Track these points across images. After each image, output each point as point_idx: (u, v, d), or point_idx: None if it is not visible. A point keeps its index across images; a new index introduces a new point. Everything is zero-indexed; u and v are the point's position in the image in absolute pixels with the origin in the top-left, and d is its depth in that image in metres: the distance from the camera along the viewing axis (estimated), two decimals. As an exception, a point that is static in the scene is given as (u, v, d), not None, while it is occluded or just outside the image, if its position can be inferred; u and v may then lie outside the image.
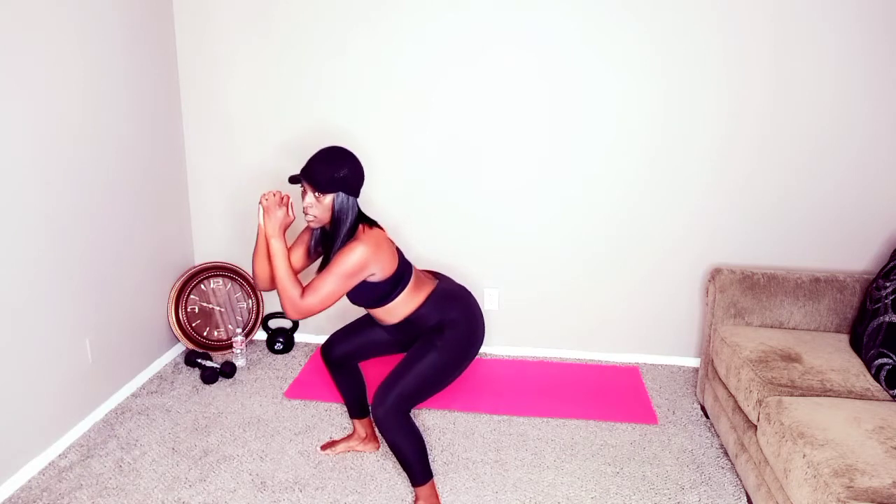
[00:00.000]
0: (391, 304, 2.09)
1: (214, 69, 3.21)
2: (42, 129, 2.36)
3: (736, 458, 2.38)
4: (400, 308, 2.10)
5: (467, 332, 2.12)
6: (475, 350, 2.16)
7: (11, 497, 2.26)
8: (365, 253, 1.93)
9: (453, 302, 2.14)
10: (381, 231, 2.05)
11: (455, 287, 2.22)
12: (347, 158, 1.98)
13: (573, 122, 3.10)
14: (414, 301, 2.10)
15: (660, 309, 3.29)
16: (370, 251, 1.95)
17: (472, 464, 2.49)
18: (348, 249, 1.93)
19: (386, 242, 2.03)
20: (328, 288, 1.92)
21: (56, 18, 2.39)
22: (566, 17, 2.97)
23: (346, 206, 1.98)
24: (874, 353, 2.27)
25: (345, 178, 1.95)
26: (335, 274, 1.92)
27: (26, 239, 2.31)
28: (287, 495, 2.30)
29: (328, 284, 1.92)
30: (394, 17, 3.05)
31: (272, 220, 1.98)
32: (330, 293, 1.93)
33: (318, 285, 1.93)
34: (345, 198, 1.98)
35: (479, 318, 2.18)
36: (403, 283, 2.08)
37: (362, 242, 1.94)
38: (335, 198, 1.97)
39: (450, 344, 2.08)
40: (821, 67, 2.91)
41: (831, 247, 3.11)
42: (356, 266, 1.93)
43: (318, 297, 1.92)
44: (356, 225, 2.01)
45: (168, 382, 3.06)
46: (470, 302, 2.18)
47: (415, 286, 2.11)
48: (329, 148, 2.00)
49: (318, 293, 1.92)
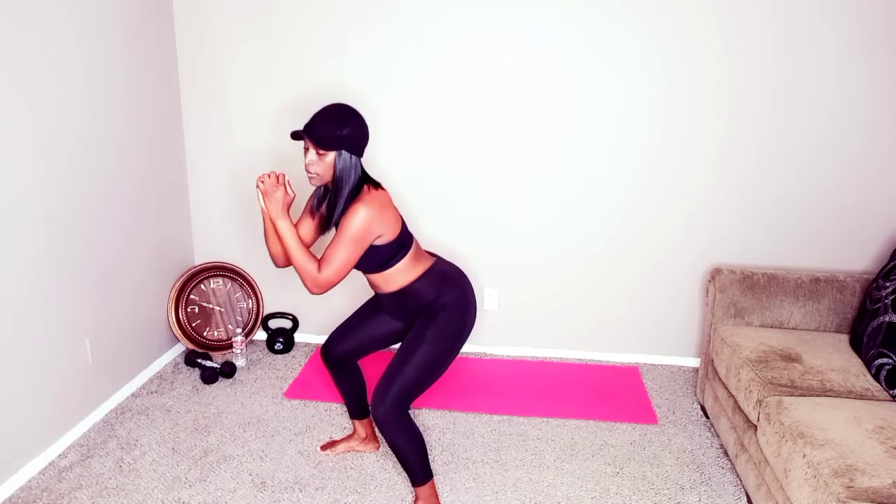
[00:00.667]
0: (391, 269, 2.07)
1: (214, 69, 3.22)
2: (42, 129, 2.36)
3: (736, 458, 2.38)
4: (398, 276, 2.08)
5: (459, 317, 2.11)
6: (466, 334, 2.15)
7: (11, 497, 2.26)
8: (369, 214, 1.91)
9: (449, 282, 2.13)
10: (384, 192, 2.03)
11: (451, 268, 2.21)
12: (352, 116, 1.95)
13: (573, 122, 3.10)
14: (412, 272, 2.09)
15: (660, 309, 3.29)
16: (374, 212, 1.93)
17: (472, 464, 2.49)
18: (352, 213, 1.91)
19: (389, 203, 2.02)
20: (342, 257, 1.92)
21: (56, 18, 2.39)
22: (566, 17, 2.97)
23: (348, 165, 1.95)
24: (874, 353, 2.27)
25: (348, 136, 1.93)
26: (344, 241, 1.91)
27: (26, 239, 2.31)
28: (287, 495, 2.30)
29: (341, 253, 1.91)
30: (394, 17, 3.06)
31: (273, 201, 1.96)
32: (345, 261, 1.92)
33: (331, 256, 1.92)
34: (347, 157, 1.95)
35: (471, 301, 2.17)
36: (405, 250, 2.07)
37: (365, 204, 1.92)
38: (337, 156, 1.94)
39: (441, 333, 2.07)
40: (821, 67, 2.91)
41: (831, 247, 3.11)
42: (363, 229, 1.91)
43: (334, 267, 1.92)
44: (360, 185, 1.98)
45: (168, 382, 3.06)
46: (464, 284, 2.17)
47: (415, 256, 2.10)
48: (333, 105, 1.97)
49: (333, 264, 1.91)
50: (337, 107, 1.96)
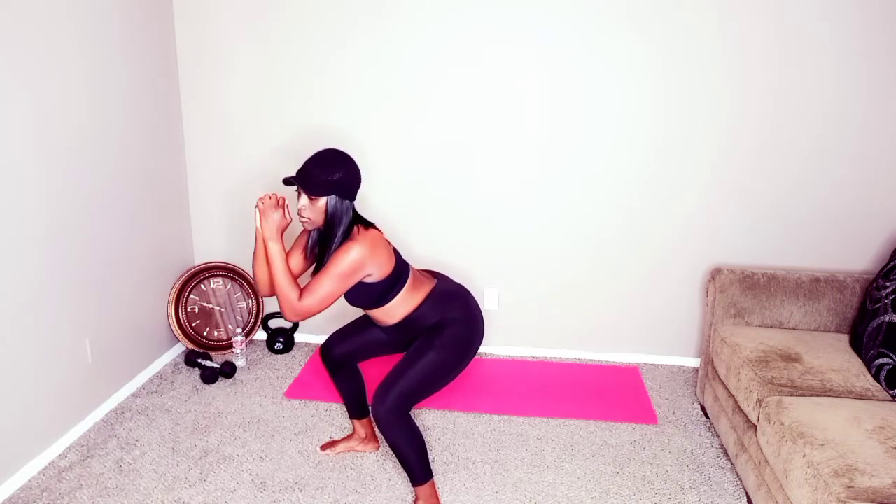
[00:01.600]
0: (389, 304, 2.09)
1: (214, 69, 3.22)
2: (42, 129, 2.36)
3: (736, 458, 2.38)
4: (398, 308, 2.10)
5: (467, 330, 2.12)
6: (475, 349, 2.16)
7: (11, 497, 2.26)
8: (360, 253, 1.93)
9: (452, 301, 2.14)
10: (377, 232, 2.05)
11: (454, 287, 2.22)
12: (343, 162, 1.97)
13: (573, 122, 3.10)
14: (412, 301, 2.10)
15: (660, 309, 3.29)
16: (366, 251, 1.95)
17: (472, 464, 2.49)
18: (344, 250, 1.94)
19: (382, 243, 2.03)
20: (325, 289, 1.93)
21: (56, 19, 2.39)
22: (566, 18, 2.97)
23: (339, 209, 1.98)
24: (874, 353, 2.27)
25: (339, 182, 1.95)
26: (331, 275, 1.93)
27: (26, 239, 2.31)
28: (287, 495, 2.30)
29: (325, 286, 1.93)
30: (393, 17, 3.06)
31: (269, 222, 1.98)
32: (327, 294, 1.93)
33: (314, 287, 1.93)
34: (339, 201, 1.97)
35: (478, 317, 2.18)
36: (401, 283, 2.08)
37: (357, 243, 1.94)
38: (328, 201, 1.96)
39: (449, 343, 2.08)
40: (821, 68, 2.91)
41: (831, 247, 3.11)
42: (352, 266, 1.93)
43: (316, 298, 1.93)
44: (351, 227, 2.01)
45: (168, 382, 3.06)
46: (469, 301, 2.18)
47: (413, 286, 2.11)
48: (325, 151, 2.00)
49: (315, 295, 1.93)
50: (328, 153, 1.99)
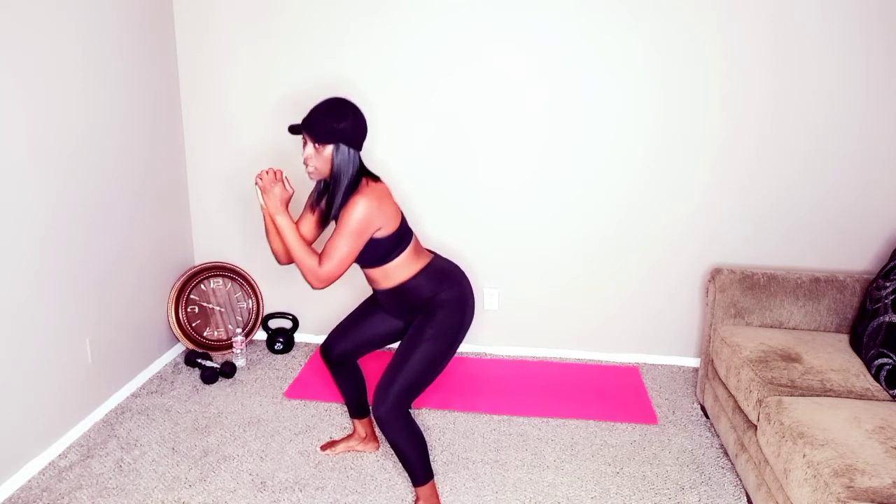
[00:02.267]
0: (390, 264, 2.07)
1: (214, 69, 3.22)
2: (42, 129, 2.36)
3: (736, 458, 2.38)
4: (397, 271, 2.08)
5: (457, 315, 2.11)
6: (465, 331, 2.15)
7: (11, 497, 2.26)
8: (368, 206, 1.91)
9: (447, 279, 2.13)
10: (383, 185, 2.03)
11: (449, 265, 2.20)
12: (349, 109, 1.95)
13: (573, 122, 3.10)
14: (411, 267, 2.09)
15: (660, 309, 3.29)
16: (374, 204, 1.92)
17: (472, 464, 2.49)
18: (351, 205, 1.91)
19: (388, 196, 2.01)
20: (342, 250, 1.91)
21: (56, 19, 2.39)
22: (566, 17, 2.97)
23: (346, 158, 1.95)
24: (874, 353, 2.27)
25: (345, 130, 1.92)
26: (344, 234, 1.91)
27: (26, 239, 2.31)
28: (287, 495, 2.30)
29: (341, 246, 1.91)
30: (393, 16, 3.06)
31: (272, 197, 1.96)
32: (345, 255, 1.92)
33: (331, 250, 1.91)
34: (345, 150, 1.94)
35: (469, 298, 2.17)
36: (404, 243, 2.06)
37: (364, 196, 1.92)
38: (335, 149, 1.94)
39: (439, 331, 2.07)
40: (821, 67, 2.91)
41: (831, 247, 3.11)
42: (362, 221, 1.91)
43: (335, 261, 1.91)
44: (358, 178, 1.98)
45: (168, 382, 3.06)
46: (462, 282, 2.17)
47: (414, 252, 2.10)
48: (331, 99, 1.97)
49: (334, 257, 1.91)
50: (334, 100, 1.96)
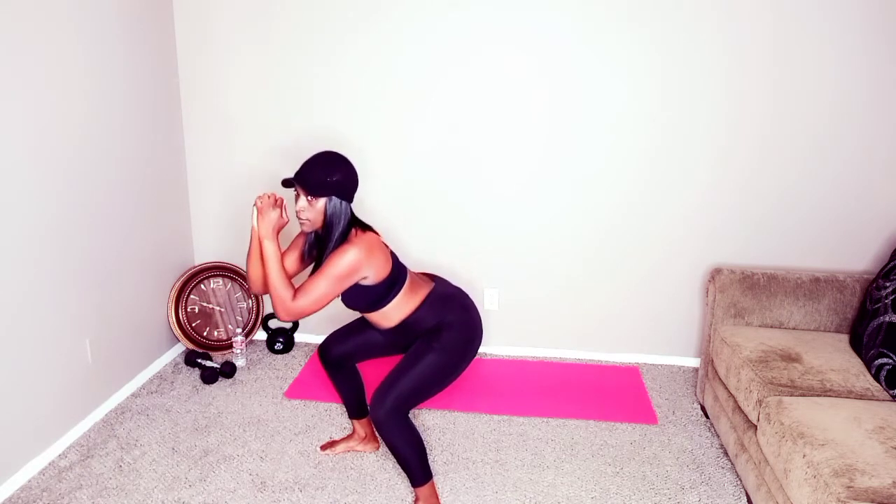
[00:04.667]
0: (386, 307, 2.09)
1: (214, 69, 3.22)
2: (42, 129, 2.36)
3: (736, 458, 2.38)
4: (395, 311, 2.10)
5: (465, 333, 2.12)
6: (473, 351, 2.16)
7: (11, 497, 2.26)
8: (357, 256, 1.94)
9: (450, 304, 2.14)
10: (374, 235, 2.05)
11: (452, 289, 2.21)
12: (341, 163, 1.99)
13: (573, 122, 3.10)
14: (410, 304, 2.10)
15: (660, 309, 3.29)
16: (362, 254, 1.95)
17: (472, 464, 2.49)
18: (340, 252, 1.94)
19: (379, 246, 2.03)
20: (319, 290, 1.93)
21: (56, 19, 2.39)
22: (566, 17, 2.97)
23: (338, 210, 1.99)
24: (874, 353, 2.27)
25: (338, 183, 1.96)
26: (326, 276, 1.93)
27: (26, 239, 2.31)
28: (287, 495, 2.30)
29: (319, 287, 1.93)
30: (393, 17, 3.06)
31: (266, 221, 1.98)
32: (321, 295, 1.93)
33: (309, 287, 1.93)
34: (337, 202, 1.98)
35: (476, 319, 2.18)
36: (398, 286, 2.08)
37: (354, 245, 1.95)
38: (328, 202, 1.97)
39: (448, 345, 2.08)
40: (821, 67, 2.91)
41: (831, 247, 3.11)
42: (347, 268, 1.93)
43: (310, 299, 1.93)
44: (349, 229, 2.01)
45: (168, 382, 3.06)
46: (467, 304, 2.18)
47: (410, 289, 2.11)
48: (323, 153, 2.01)
49: (310, 295, 1.93)
50: (326, 154, 2.00)
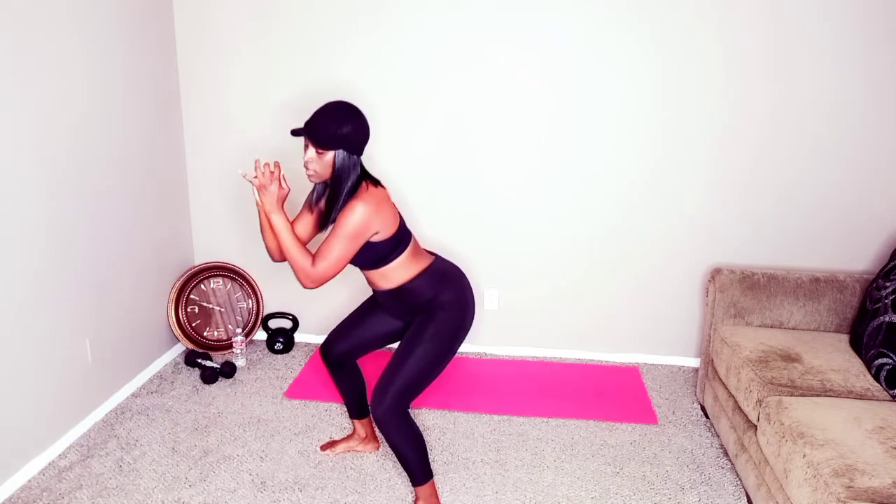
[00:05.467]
0: (389, 266, 2.07)
1: (214, 69, 3.21)
2: (42, 129, 2.36)
3: (736, 458, 2.38)
4: (396, 272, 2.08)
5: (457, 316, 2.11)
6: (465, 333, 2.15)
7: (11, 497, 2.26)
8: (366, 211, 1.91)
9: (447, 281, 2.13)
10: (383, 190, 2.03)
11: (450, 267, 2.20)
12: (352, 115, 1.94)
13: (573, 122, 3.10)
14: (410, 269, 2.09)
15: (660, 309, 3.29)
16: (371, 209, 1.92)
17: (472, 464, 2.49)
18: (349, 209, 1.91)
19: (387, 201, 2.01)
20: (336, 252, 1.91)
21: (56, 18, 2.39)
22: (566, 18, 2.97)
23: (347, 163, 1.95)
24: (874, 353, 2.27)
25: (347, 136, 1.92)
26: (340, 236, 1.91)
27: (27, 239, 2.30)
28: (287, 495, 2.30)
29: (336, 248, 1.91)
30: (394, 16, 3.06)
31: (267, 195, 1.95)
32: (339, 257, 1.92)
33: (326, 251, 1.91)
34: (346, 156, 1.94)
35: (469, 301, 2.17)
36: (402, 246, 2.06)
37: (363, 201, 1.92)
38: (336, 155, 1.93)
39: (440, 332, 2.07)
40: (821, 68, 2.91)
41: (831, 247, 3.11)
42: (359, 225, 1.91)
43: (329, 262, 1.91)
44: (358, 183, 1.98)
45: (168, 382, 3.06)
46: (463, 283, 2.17)
47: (413, 254, 2.09)
48: (334, 103, 1.96)
49: (328, 258, 1.91)
50: (337, 105, 1.95)
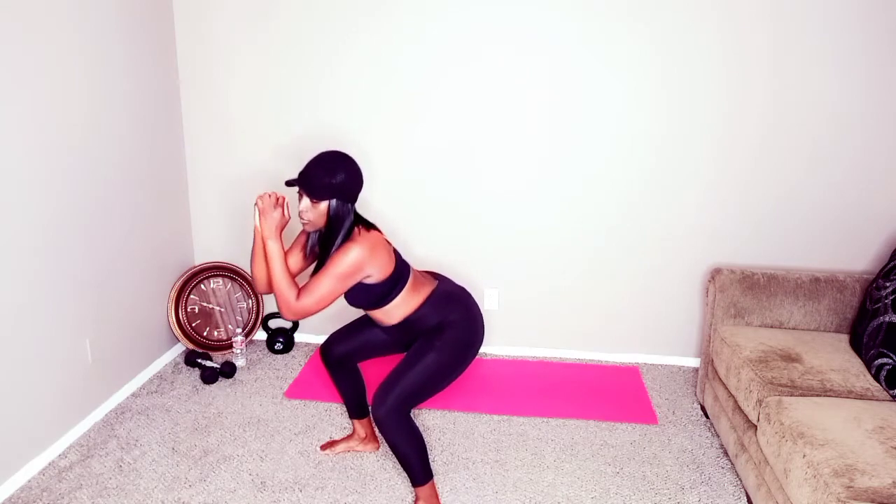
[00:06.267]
0: (389, 305, 2.09)
1: (214, 69, 3.22)
2: (42, 129, 2.36)
3: (736, 458, 2.38)
4: (398, 309, 2.10)
5: (467, 332, 2.12)
6: (475, 351, 2.16)
7: (11, 497, 2.26)
8: (360, 254, 1.93)
9: (453, 303, 2.14)
10: (377, 233, 2.05)
11: (454, 288, 2.22)
12: (345, 164, 1.97)
13: (573, 123, 3.10)
14: (413, 302, 2.10)
15: (660, 309, 3.29)
16: (365, 253, 1.95)
17: (472, 464, 2.50)
18: (343, 251, 1.94)
19: (382, 244, 2.03)
20: (324, 289, 1.93)
21: (55, 19, 2.39)
22: (566, 18, 2.97)
23: (341, 212, 1.98)
24: (874, 353, 2.27)
25: (341, 185, 1.95)
26: (330, 275, 1.93)
27: (26, 239, 2.30)
28: (287, 495, 2.30)
29: (324, 285, 1.93)
30: (394, 17, 3.06)
31: (268, 221, 1.97)
32: (325, 294, 1.93)
33: (313, 287, 1.93)
34: (340, 204, 1.97)
35: (478, 319, 2.18)
36: (401, 284, 2.08)
37: (357, 244, 1.95)
38: (330, 204, 1.96)
39: (449, 344, 2.08)
40: (821, 67, 2.91)
41: (831, 247, 3.11)
42: (351, 267, 1.93)
43: (314, 298, 1.92)
44: (352, 228, 2.01)
45: (168, 382, 3.06)
46: (469, 303, 2.18)
47: (413, 287, 2.11)
48: (327, 153, 1.99)
49: (314, 294, 1.92)
50: (331, 155, 1.98)
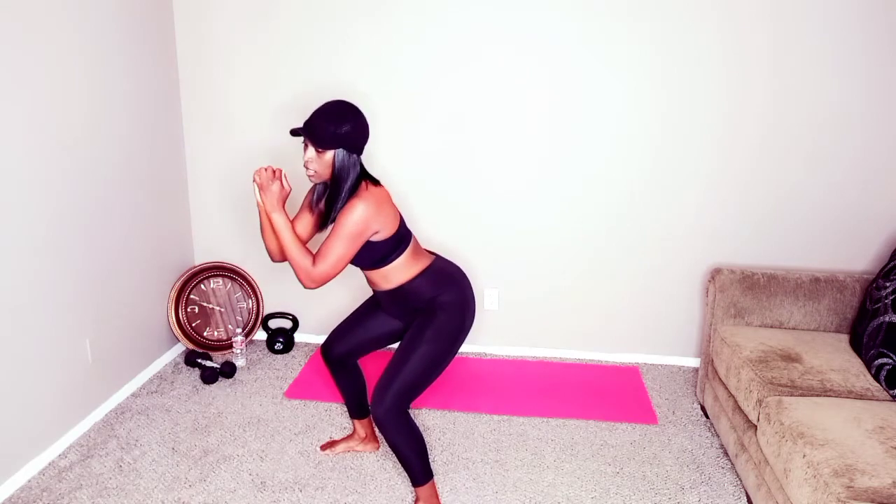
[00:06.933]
0: (389, 266, 2.07)
1: (214, 69, 3.21)
2: (42, 129, 2.36)
3: (736, 458, 2.38)
4: (396, 273, 2.08)
5: (457, 317, 2.11)
6: (465, 334, 2.15)
7: (11, 497, 2.26)
8: (366, 211, 1.91)
9: (448, 281, 2.13)
10: (383, 189, 2.03)
11: (451, 267, 2.20)
12: (351, 114, 1.93)
13: (573, 122, 3.10)
14: (411, 269, 2.08)
15: (660, 309, 3.29)
16: (371, 209, 1.92)
17: (472, 464, 2.50)
18: (349, 209, 1.91)
19: (388, 201, 2.01)
20: (337, 252, 1.91)
21: (56, 19, 2.39)
22: (566, 18, 2.97)
23: (347, 163, 1.95)
24: (874, 353, 2.27)
25: (347, 135, 1.91)
26: (341, 236, 1.91)
27: (26, 239, 2.30)
28: (287, 495, 2.30)
29: (336, 248, 1.91)
30: (394, 17, 3.06)
31: (269, 195, 1.95)
32: (340, 257, 1.92)
33: (326, 251, 1.91)
34: (346, 155, 1.94)
35: (470, 301, 2.17)
36: (403, 246, 2.06)
37: (363, 200, 1.92)
38: (336, 154, 1.93)
39: (439, 333, 2.07)
40: (821, 67, 2.91)
41: (831, 247, 3.11)
42: (359, 225, 1.91)
43: (329, 262, 1.91)
44: (358, 182, 1.98)
45: (168, 382, 3.06)
46: (463, 284, 2.17)
47: (413, 253, 2.09)
48: (333, 102, 1.96)
49: (328, 258, 1.91)
50: (337, 104, 1.95)
